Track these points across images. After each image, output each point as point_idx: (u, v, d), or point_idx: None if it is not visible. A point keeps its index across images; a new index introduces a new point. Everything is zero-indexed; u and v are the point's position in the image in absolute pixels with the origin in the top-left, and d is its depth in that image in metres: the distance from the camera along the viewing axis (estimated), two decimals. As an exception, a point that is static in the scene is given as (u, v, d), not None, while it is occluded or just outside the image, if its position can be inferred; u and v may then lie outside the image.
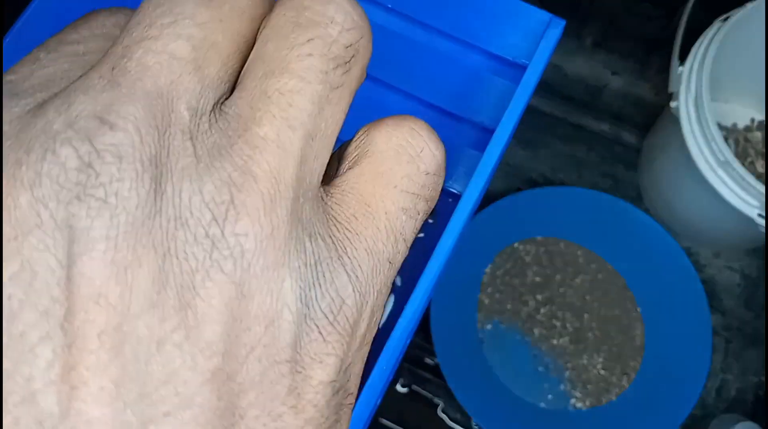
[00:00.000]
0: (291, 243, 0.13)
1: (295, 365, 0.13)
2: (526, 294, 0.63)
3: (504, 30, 0.31)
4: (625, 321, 0.62)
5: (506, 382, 0.60)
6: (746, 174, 0.50)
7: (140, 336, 0.12)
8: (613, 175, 0.69)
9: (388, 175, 0.15)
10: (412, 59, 0.32)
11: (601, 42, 0.74)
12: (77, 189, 0.11)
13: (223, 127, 0.13)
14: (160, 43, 0.13)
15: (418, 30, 0.32)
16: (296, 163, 0.13)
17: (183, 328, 0.12)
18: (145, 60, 0.13)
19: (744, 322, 0.65)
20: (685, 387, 0.59)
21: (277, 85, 0.13)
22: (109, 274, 0.11)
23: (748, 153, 0.64)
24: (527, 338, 0.62)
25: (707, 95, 0.52)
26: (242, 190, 0.12)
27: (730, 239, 0.63)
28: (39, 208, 0.11)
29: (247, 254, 0.12)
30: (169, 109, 0.12)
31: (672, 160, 0.59)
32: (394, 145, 0.15)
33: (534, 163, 0.69)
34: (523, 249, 0.64)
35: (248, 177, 0.12)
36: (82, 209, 0.11)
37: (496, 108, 0.33)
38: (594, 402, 0.60)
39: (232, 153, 0.13)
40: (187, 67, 0.13)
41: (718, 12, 0.59)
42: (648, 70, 0.73)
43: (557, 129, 0.71)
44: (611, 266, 0.64)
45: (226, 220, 0.12)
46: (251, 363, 0.12)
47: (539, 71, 0.28)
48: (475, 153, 0.32)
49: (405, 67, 0.33)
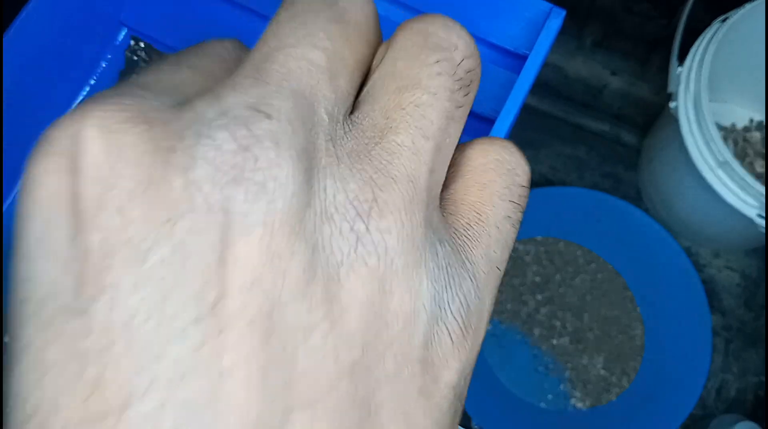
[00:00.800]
0: (426, 244, 0.13)
1: (426, 366, 0.13)
2: (526, 294, 0.63)
3: (504, 20, 0.32)
4: (625, 321, 0.63)
5: (506, 382, 0.61)
6: (745, 174, 0.50)
7: (288, 324, 0.12)
8: (613, 175, 0.69)
9: (492, 186, 0.16)
10: None
11: (601, 42, 0.74)
12: (234, 172, 0.11)
13: (358, 135, 0.14)
14: (300, 50, 0.14)
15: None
16: (428, 170, 0.14)
17: (329, 319, 0.12)
18: (288, 64, 0.13)
19: (744, 322, 0.65)
20: (685, 387, 0.59)
21: (411, 98, 0.14)
22: (264, 260, 0.11)
23: (747, 153, 0.64)
24: (527, 338, 0.62)
25: (706, 95, 0.52)
26: (384, 190, 0.13)
27: (730, 239, 0.63)
28: (193, 191, 0.11)
29: (390, 251, 0.13)
30: (312, 110, 0.13)
31: (671, 161, 0.59)
32: (492, 160, 0.16)
33: (534, 164, 0.69)
34: (522, 249, 0.64)
35: (389, 179, 0.13)
36: (239, 193, 0.11)
37: (497, 99, 0.33)
38: (594, 402, 0.60)
39: (371, 157, 0.13)
40: (323, 76, 0.14)
41: (717, 12, 0.59)
42: (648, 70, 0.73)
43: (557, 129, 0.71)
44: (611, 266, 0.64)
45: (370, 217, 0.13)
46: (388, 359, 0.13)
47: (540, 61, 0.29)
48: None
49: None
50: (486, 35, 0.32)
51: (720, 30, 0.54)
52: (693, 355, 0.60)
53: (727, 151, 0.51)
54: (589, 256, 0.64)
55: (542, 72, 0.74)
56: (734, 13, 0.55)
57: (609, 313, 0.63)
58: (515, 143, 0.17)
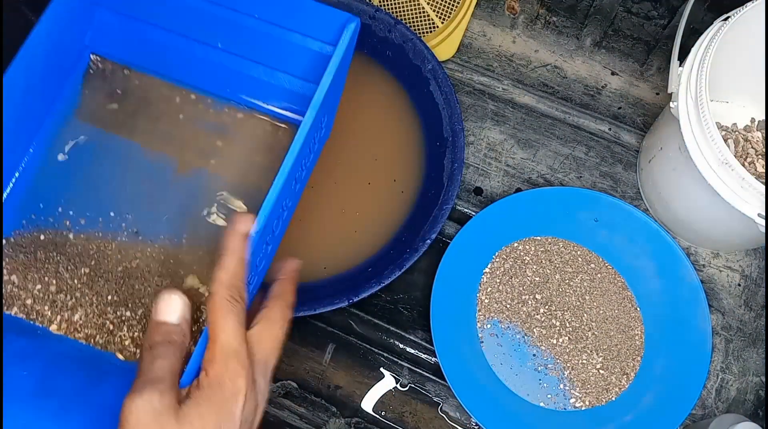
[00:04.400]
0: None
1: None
2: (526, 293, 0.63)
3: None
4: (625, 321, 0.62)
5: (506, 382, 0.60)
6: (746, 174, 0.50)
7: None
8: (613, 175, 0.69)
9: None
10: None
11: (600, 42, 0.74)
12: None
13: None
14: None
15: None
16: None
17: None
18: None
19: (744, 322, 0.65)
20: (685, 387, 0.59)
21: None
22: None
23: (748, 153, 0.64)
24: (527, 337, 0.62)
25: (707, 95, 0.52)
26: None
27: (729, 239, 0.63)
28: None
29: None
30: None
31: (671, 161, 0.59)
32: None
33: (533, 164, 0.69)
34: (522, 248, 0.64)
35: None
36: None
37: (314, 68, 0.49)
38: (593, 401, 0.60)
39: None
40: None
41: (718, 12, 0.59)
42: (648, 70, 0.73)
43: (556, 129, 0.71)
44: (611, 266, 0.64)
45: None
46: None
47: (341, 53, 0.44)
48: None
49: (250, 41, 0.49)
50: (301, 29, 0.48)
51: (721, 30, 0.54)
52: (693, 355, 0.60)
53: (727, 151, 0.51)
54: (588, 256, 0.64)
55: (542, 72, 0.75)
56: (735, 13, 0.55)
57: (608, 312, 0.63)
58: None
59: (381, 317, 0.64)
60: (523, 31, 0.74)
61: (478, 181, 0.69)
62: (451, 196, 0.57)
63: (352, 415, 0.62)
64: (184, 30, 0.50)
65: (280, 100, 0.52)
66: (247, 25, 0.48)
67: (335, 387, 0.63)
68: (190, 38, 0.50)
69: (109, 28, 0.51)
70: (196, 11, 0.49)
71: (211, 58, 0.51)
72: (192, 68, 0.52)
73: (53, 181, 0.50)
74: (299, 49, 0.48)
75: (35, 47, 0.46)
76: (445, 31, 0.70)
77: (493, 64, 0.73)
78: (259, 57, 0.50)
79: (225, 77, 0.52)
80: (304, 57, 0.49)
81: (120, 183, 0.50)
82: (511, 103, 0.71)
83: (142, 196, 0.50)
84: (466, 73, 0.72)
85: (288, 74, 0.51)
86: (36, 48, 0.46)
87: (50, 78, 0.50)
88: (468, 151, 0.69)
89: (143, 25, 0.51)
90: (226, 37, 0.50)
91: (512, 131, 0.71)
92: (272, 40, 0.49)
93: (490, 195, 0.68)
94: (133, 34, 0.51)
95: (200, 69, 0.51)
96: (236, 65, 0.51)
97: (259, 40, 0.49)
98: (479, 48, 0.73)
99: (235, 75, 0.51)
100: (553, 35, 0.74)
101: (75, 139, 0.51)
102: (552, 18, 0.74)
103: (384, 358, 0.63)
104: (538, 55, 0.73)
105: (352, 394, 0.62)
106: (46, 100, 0.50)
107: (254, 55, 0.50)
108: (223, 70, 0.51)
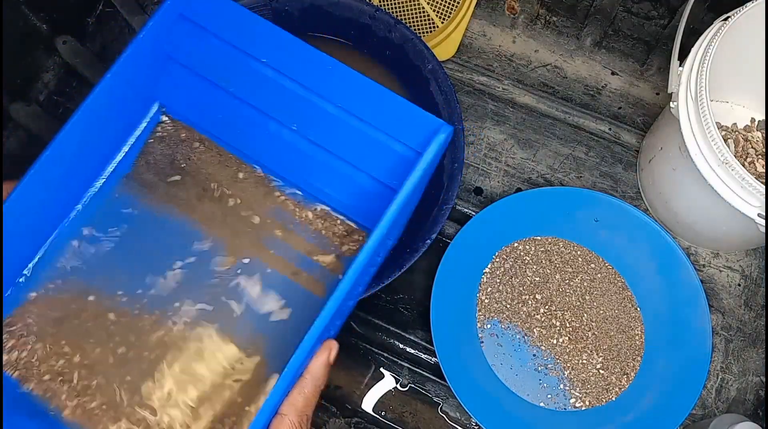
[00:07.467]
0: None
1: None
2: (526, 293, 0.63)
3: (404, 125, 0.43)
4: (625, 321, 0.62)
5: (506, 382, 0.60)
6: (746, 174, 0.50)
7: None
8: (613, 175, 0.69)
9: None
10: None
11: (600, 42, 0.74)
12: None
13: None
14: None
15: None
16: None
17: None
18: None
19: (744, 322, 0.65)
20: (685, 387, 0.59)
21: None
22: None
23: (748, 153, 0.64)
24: (527, 337, 0.62)
25: (707, 95, 0.52)
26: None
27: (730, 239, 0.63)
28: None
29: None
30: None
31: (671, 161, 0.59)
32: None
33: (533, 164, 0.69)
34: (522, 249, 0.64)
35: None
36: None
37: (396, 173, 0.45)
38: (593, 401, 0.60)
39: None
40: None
41: (718, 12, 0.59)
42: (648, 70, 0.73)
43: (556, 129, 0.71)
44: (611, 266, 0.64)
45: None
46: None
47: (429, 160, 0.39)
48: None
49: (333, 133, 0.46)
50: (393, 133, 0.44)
51: (721, 30, 0.54)
52: (693, 355, 0.60)
53: (727, 151, 0.51)
54: (588, 256, 0.64)
55: (542, 72, 0.75)
56: (735, 13, 0.55)
57: (608, 312, 0.63)
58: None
59: (381, 317, 0.64)
60: (523, 31, 0.74)
61: (478, 181, 0.69)
62: (451, 196, 0.57)
63: (352, 415, 0.62)
64: (259, 103, 0.47)
65: (347, 194, 0.48)
66: (327, 112, 0.45)
67: (335, 387, 0.63)
68: (264, 113, 0.47)
69: (180, 87, 0.48)
70: (276, 87, 0.45)
71: (283, 138, 0.47)
72: (260, 144, 0.48)
73: (97, 250, 0.47)
74: (379, 146, 0.44)
75: (100, 98, 0.43)
76: (445, 31, 0.71)
77: (493, 64, 0.73)
78: (335, 148, 0.47)
79: (293, 161, 0.48)
80: (382, 156, 0.45)
81: (164, 262, 0.46)
82: (511, 103, 0.71)
83: (184, 281, 0.46)
84: (466, 73, 0.72)
85: (359, 170, 0.47)
86: (101, 99, 0.43)
87: (110, 133, 0.47)
88: (468, 151, 0.69)
89: (216, 89, 0.47)
90: (302, 120, 0.46)
91: (512, 131, 0.71)
92: (351, 132, 0.45)
93: (490, 195, 0.68)
94: (205, 96, 0.48)
95: (269, 147, 0.48)
96: (307, 150, 0.47)
97: (336, 130, 0.45)
98: (479, 48, 0.73)
99: (305, 160, 0.48)
100: (553, 35, 0.74)
101: (129, 207, 0.48)
102: (552, 18, 0.74)
103: (384, 358, 0.63)
104: (538, 55, 0.73)
105: (352, 394, 0.62)
106: (102, 157, 0.48)
107: (329, 144, 0.47)
108: (292, 152, 0.48)
